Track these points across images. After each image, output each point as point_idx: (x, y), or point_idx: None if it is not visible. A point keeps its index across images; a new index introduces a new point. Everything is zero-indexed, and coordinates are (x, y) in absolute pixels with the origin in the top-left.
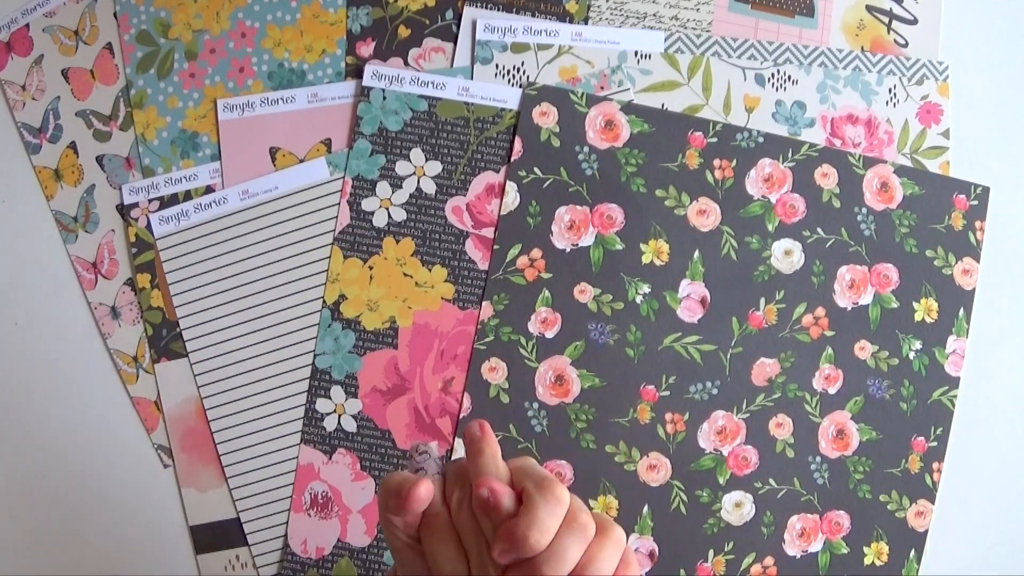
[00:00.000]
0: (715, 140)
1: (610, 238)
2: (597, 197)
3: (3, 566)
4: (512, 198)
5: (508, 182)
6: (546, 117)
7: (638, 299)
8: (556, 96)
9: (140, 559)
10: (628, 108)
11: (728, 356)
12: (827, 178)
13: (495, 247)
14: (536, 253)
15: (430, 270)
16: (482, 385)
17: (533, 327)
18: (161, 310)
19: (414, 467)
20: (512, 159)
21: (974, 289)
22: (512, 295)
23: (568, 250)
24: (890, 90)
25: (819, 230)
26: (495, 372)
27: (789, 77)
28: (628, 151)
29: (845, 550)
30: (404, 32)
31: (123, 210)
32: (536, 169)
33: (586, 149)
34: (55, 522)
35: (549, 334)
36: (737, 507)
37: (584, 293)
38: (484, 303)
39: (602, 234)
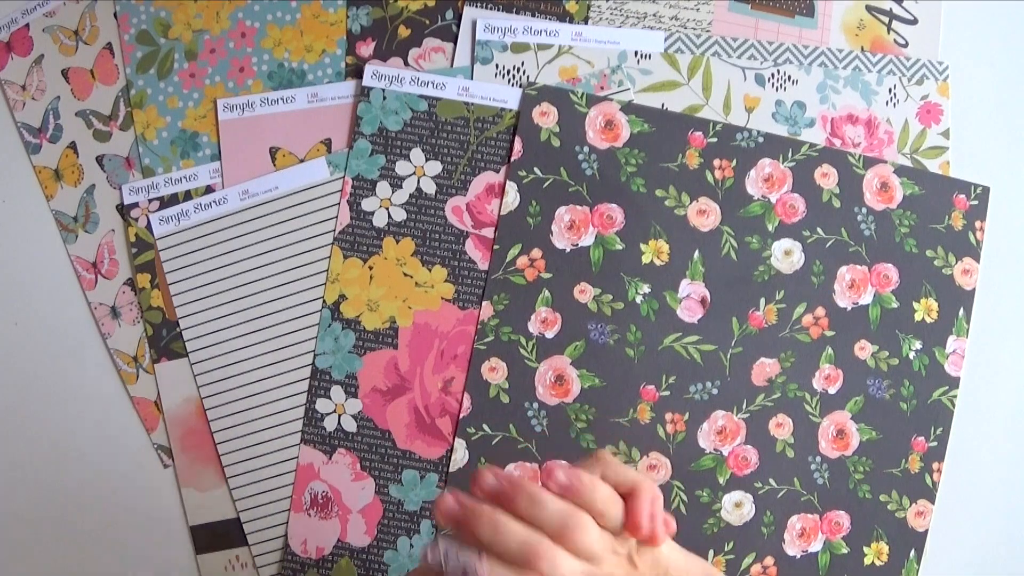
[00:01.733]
0: (715, 140)
1: (610, 238)
2: (597, 197)
3: (3, 566)
4: (512, 198)
5: (508, 182)
6: (546, 117)
7: (638, 299)
8: (556, 96)
9: (140, 559)
10: (628, 108)
11: (728, 356)
12: (827, 178)
13: (495, 247)
14: (536, 253)
15: (430, 270)
16: (482, 385)
17: (533, 327)
18: (161, 310)
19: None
20: (512, 159)
21: (974, 289)
22: (512, 295)
23: (568, 250)
24: (890, 90)
25: (819, 230)
26: (495, 372)
27: (789, 77)
28: (628, 151)
29: (845, 550)
30: (404, 32)
31: (123, 210)
32: (536, 169)
33: (586, 149)
34: (55, 522)
35: (549, 334)
36: (737, 507)
37: (584, 293)
38: (484, 303)
39: (602, 234)
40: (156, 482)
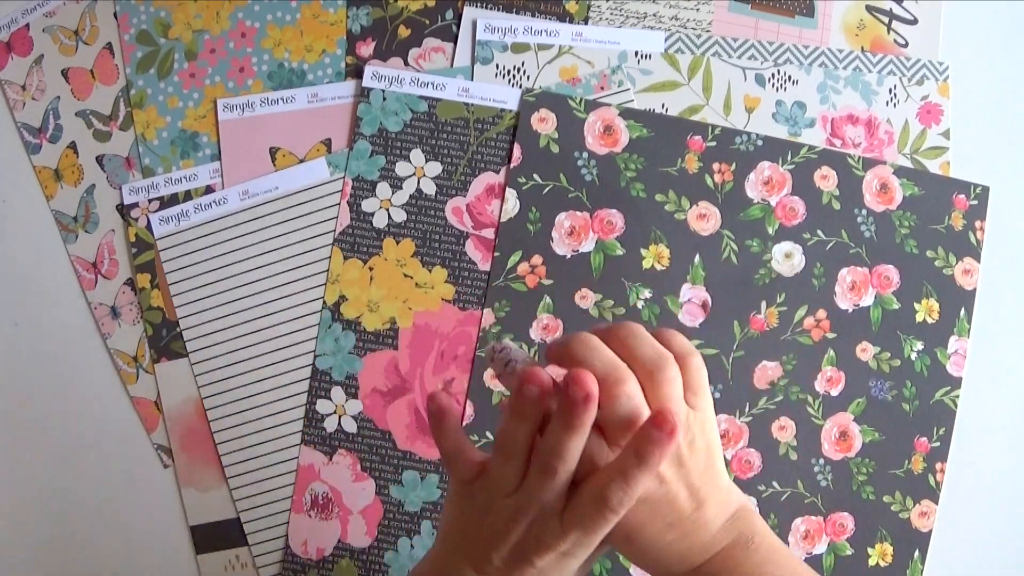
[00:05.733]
0: (714, 144)
1: (610, 243)
2: (597, 203)
3: (3, 567)
4: (512, 205)
5: (508, 189)
6: (545, 123)
7: (639, 304)
8: (555, 102)
9: (140, 559)
10: (627, 113)
11: (730, 359)
12: (827, 180)
13: (495, 254)
14: (537, 259)
15: (430, 271)
16: (485, 392)
17: (535, 334)
18: (161, 310)
19: (501, 364)
20: (511, 166)
21: (975, 289)
22: (513, 302)
23: (569, 256)
24: (890, 90)
25: (819, 232)
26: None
27: (789, 77)
28: (627, 156)
29: (849, 551)
30: (404, 32)
31: (123, 210)
32: (536, 175)
33: (585, 155)
34: (55, 522)
35: (550, 340)
36: None
37: (585, 299)
38: (485, 310)
39: (602, 239)
40: (156, 482)
